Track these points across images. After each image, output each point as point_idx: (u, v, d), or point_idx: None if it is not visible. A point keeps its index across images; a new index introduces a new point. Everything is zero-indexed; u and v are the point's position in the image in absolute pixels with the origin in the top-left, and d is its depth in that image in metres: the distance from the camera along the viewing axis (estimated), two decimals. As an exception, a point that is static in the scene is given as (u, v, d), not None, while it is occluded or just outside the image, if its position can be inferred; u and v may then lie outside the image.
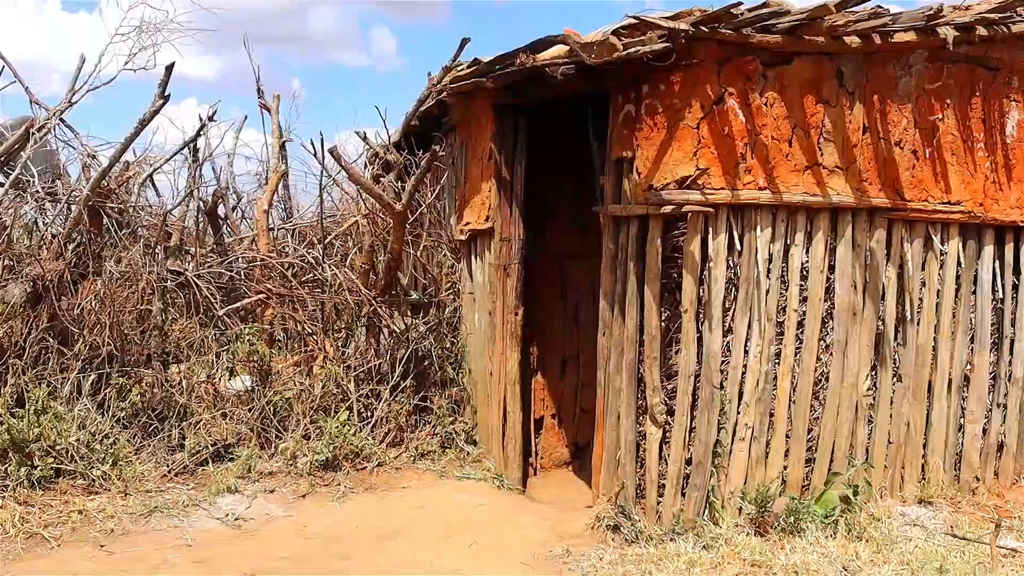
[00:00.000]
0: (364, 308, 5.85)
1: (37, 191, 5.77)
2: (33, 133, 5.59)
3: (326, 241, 6.58)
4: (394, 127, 6.84)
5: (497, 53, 4.62)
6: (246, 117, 8.02)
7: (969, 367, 4.69)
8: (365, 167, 7.25)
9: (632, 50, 3.71)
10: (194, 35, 5.91)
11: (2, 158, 5.75)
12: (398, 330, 5.82)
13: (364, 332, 5.90)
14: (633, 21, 3.81)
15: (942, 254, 4.53)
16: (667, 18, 3.80)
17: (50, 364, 5.12)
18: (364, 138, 6.64)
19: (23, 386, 4.92)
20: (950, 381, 4.64)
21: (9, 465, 4.49)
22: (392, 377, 5.62)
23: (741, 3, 3.76)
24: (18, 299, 5.19)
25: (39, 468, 4.51)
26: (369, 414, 5.52)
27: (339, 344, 5.98)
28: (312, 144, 7.13)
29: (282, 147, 7.82)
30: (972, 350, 4.68)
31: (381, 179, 6.29)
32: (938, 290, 4.56)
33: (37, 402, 4.73)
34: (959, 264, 4.58)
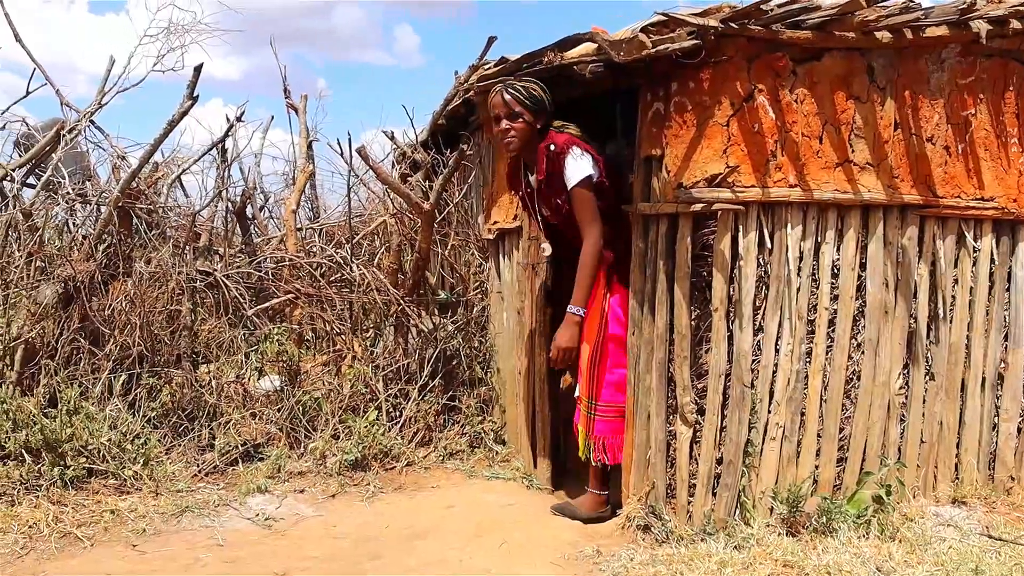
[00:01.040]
0: (392, 308, 5.86)
1: (68, 192, 5.82)
2: (64, 135, 5.63)
3: (354, 241, 6.59)
4: (421, 125, 6.85)
5: (522, 51, 4.61)
6: (272, 117, 8.07)
7: (1003, 365, 4.63)
8: (392, 166, 7.27)
9: (661, 47, 3.69)
10: (222, 36, 5.96)
11: (34, 160, 5.80)
12: (426, 329, 5.83)
13: (392, 332, 5.90)
14: (662, 18, 3.79)
15: (975, 251, 4.48)
16: (696, 15, 3.77)
17: (81, 364, 5.17)
18: (392, 137, 6.66)
19: (55, 386, 4.97)
20: (983, 379, 4.59)
21: (42, 465, 4.53)
22: (420, 377, 5.63)
23: (771, -1, 3.75)
24: (50, 300, 5.24)
25: (71, 468, 4.55)
26: (398, 414, 5.52)
27: (367, 344, 5.99)
28: (339, 143, 7.17)
29: (309, 146, 7.85)
30: (1006, 348, 4.62)
31: (409, 178, 6.30)
32: (971, 287, 4.50)
33: (69, 402, 4.77)
34: (992, 261, 4.53)
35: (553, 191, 4.36)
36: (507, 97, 4.33)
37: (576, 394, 4.67)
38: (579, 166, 4.22)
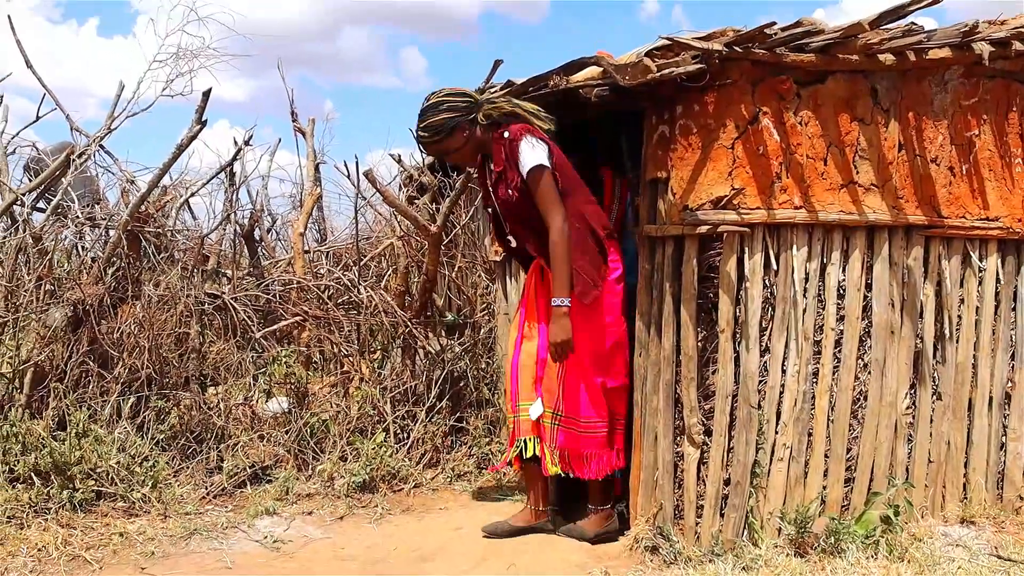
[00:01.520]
0: (400, 329, 5.88)
1: (77, 216, 5.85)
2: (74, 160, 5.67)
3: (361, 263, 6.62)
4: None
5: (527, 72, 4.63)
6: (280, 140, 8.11)
7: (1010, 384, 4.64)
8: (399, 189, 7.31)
9: (666, 72, 3.72)
10: (230, 61, 5.99)
11: (44, 185, 5.84)
12: (433, 351, 5.85)
13: (400, 353, 5.93)
14: (666, 42, 3.82)
15: (980, 270, 4.50)
16: (700, 39, 3.80)
17: (90, 387, 5.18)
18: (399, 160, 6.71)
19: (64, 409, 4.99)
20: (991, 399, 4.60)
21: (51, 488, 4.54)
22: (428, 398, 5.64)
23: (775, 23, 3.77)
24: (59, 323, 5.26)
25: (80, 491, 4.55)
26: (405, 435, 5.53)
27: (375, 366, 6.01)
28: (346, 166, 7.22)
29: (316, 169, 7.88)
30: (1012, 367, 4.63)
31: (415, 201, 6.34)
32: (977, 307, 4.52)
33: (78, 425, 4.78)
34: (998, 280, 4.54)
35: (507, 180, 4.27)
36: (428, 150, 4.40)
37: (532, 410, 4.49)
38: (534, 153, 4.16)
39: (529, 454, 4.47)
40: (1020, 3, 4.92)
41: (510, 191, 4.25)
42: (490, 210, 4.55)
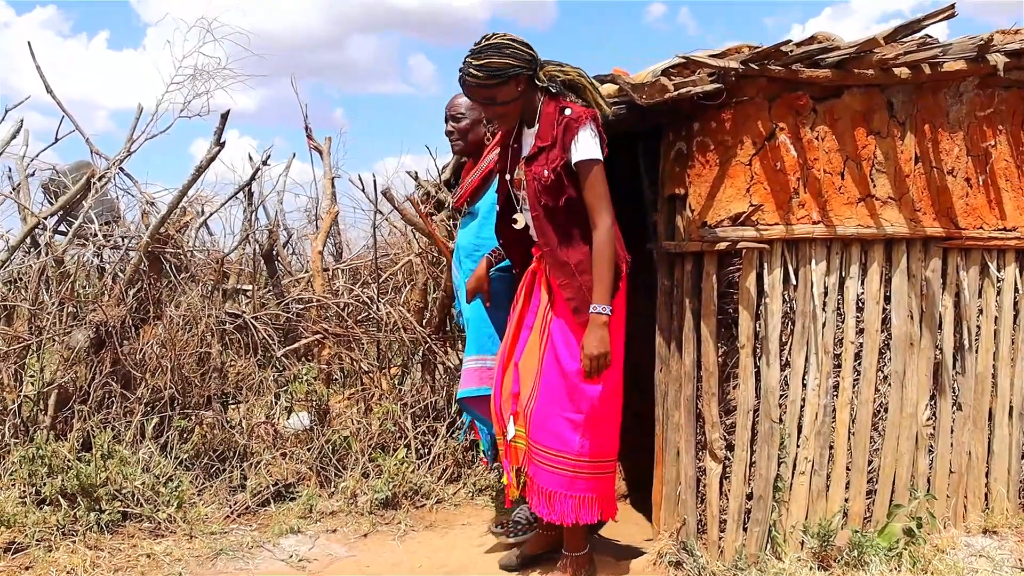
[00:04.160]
0: (419, 345, 5.91)
1: (96, 236, 5.90)
2: (94, 183, 5.73)
3: (380, 280, 6.66)
4: (442, 160, 6.90)
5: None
6: (295, 155, 8.14)
7: (1030, 394, 4.65)
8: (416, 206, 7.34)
9: (683, 90, 3.74)
10: (244, 80, 6.02)
11: (65, 208, 5.89)
12: (453, 366, 5.87)
13: (419, 369, 5.96)
14: (682, 60, 3.85)
15: (999, 281, 4.50)
16: (715, 56, 3.83)
17: (114, 408, 5.23)
18: (416, 178, 6.72)
19: (89, 431, 5.04)
20: (1011, 408, 4.61)
21: (78, 510, 4.58)
22: (448, 413, 5.68)
23: (790, 40, 3.80)
24: (82, 345, 5.31)
25: (107, 512, 4.59)
26: (426, 451, 5.57)
27: (395, 382, 6.04)
28: (361, 181, 7.22)
29: (332, 184, 7.91)
30: (1033, 376, 4.64)
31: (433, 216, 6.37)
32: (995, 317, 4.53)
33: (103, 446, 4.82)
34: (1016, 290, 4.55)
35: (548, 157, 3.81)
36: (474, 93, 3.86)
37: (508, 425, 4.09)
38: (594, 144, 3.73)
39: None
40: (1020, 4, 4.92)
41: (547, 171, 3.77)
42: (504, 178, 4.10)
